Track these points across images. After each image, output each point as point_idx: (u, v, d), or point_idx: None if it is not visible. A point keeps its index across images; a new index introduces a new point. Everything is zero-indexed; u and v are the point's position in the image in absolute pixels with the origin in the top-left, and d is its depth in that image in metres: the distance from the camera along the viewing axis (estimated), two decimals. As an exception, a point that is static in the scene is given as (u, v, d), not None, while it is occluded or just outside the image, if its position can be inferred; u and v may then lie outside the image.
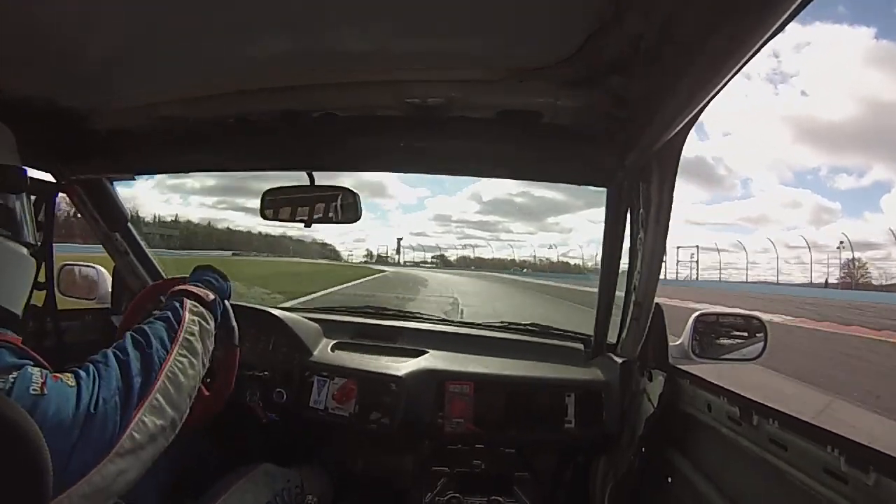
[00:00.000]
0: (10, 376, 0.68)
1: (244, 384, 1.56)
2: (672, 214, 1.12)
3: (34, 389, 0.68)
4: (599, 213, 1.44)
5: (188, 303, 1.00)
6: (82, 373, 0.75)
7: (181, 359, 0.88)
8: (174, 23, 0.88)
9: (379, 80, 1.08)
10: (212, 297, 1.08)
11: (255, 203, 1.47)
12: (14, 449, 0.60)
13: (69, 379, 0.73)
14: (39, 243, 0.93)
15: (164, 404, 0.80)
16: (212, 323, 1.03)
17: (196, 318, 0.98)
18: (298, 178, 1.43)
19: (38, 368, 0.72)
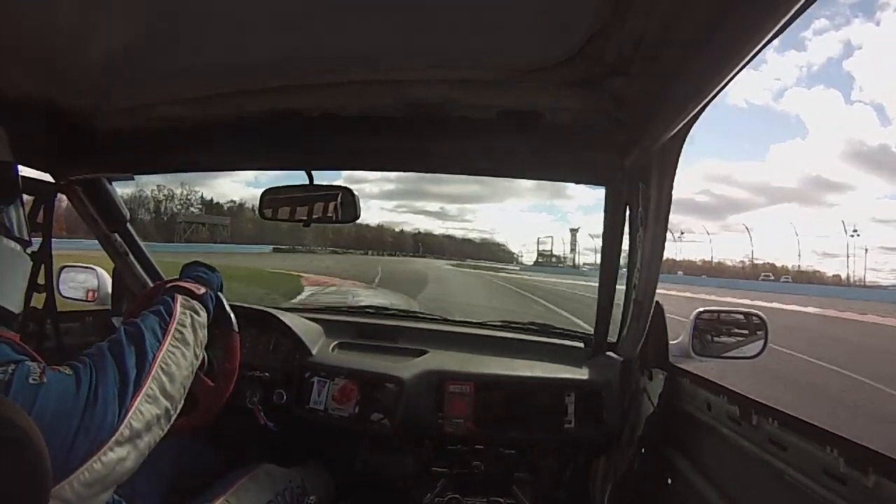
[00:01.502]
0: (10, 368, 0.70)
1: (244, 385, 1.56)
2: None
3: (33, 379, 0.70)
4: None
5: (179, 297, 1.03)
6: (79, 365, 0.78)
7: (173, 350, 0.91)
8: (174, 23, 0.88)
9: (379, 79, 1.08)
10: (202, 290, 1.10)
11: (434, 206, 1.54)
12: (12, 448, 0.60)
13: (66, 370, 0.75)
14: (32, 240, 0.93)
15: (158, 394, 0.83)
16: (203, 315, 1.05)
17: (187, 311, 1.01)
18: (298, 178, 1.47)
19: (36, 363, 0.74)
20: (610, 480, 1.49)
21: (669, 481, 1.26)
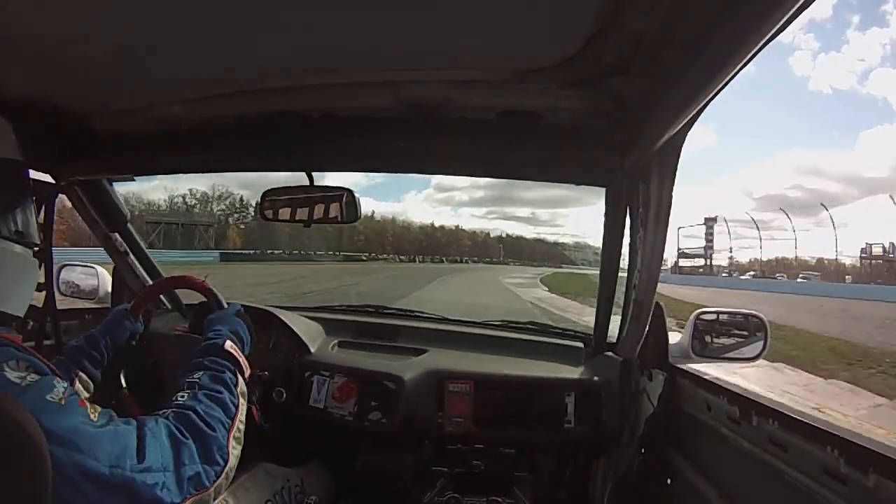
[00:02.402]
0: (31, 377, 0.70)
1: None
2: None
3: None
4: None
5: (240, 383, 0.97)
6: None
7: (235, 443, 0.89)
8: (173, 24, 0.88)
9: (379, 80, 1.08)
10: (246, 364, 1.03)
11: (524, 212, 1.54)
12: (13, 447, 0.61)
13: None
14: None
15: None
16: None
17: (244, 401, 0.96)
18: (298, 178, 1.46)
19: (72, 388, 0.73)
20: (610, 480, 1.49)
21: (669, 481, 1.26)
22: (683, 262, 48.52)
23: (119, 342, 1.26)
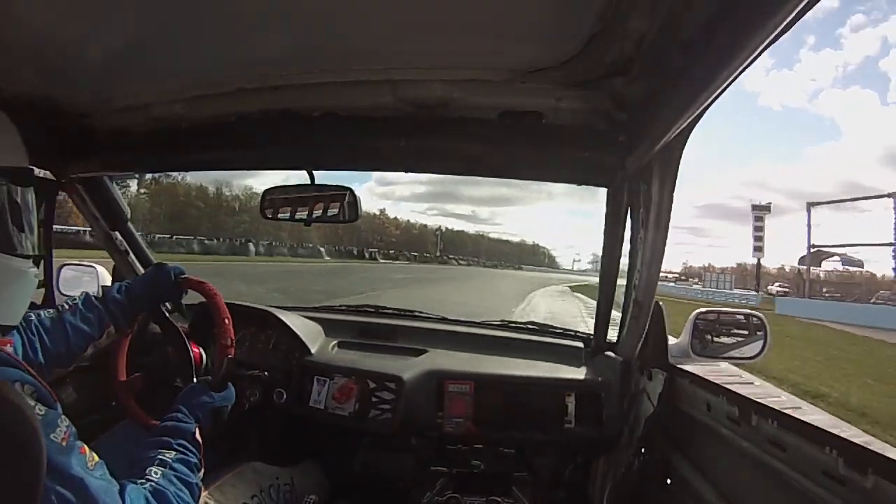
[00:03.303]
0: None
1: (244, 383, 1.56)
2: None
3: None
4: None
5: (202, 469, 0.99)
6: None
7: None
8: (174, 22, 0.88)
9: (380, 79, 1.08)
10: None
11: (464, 209, 1.53)
12: (10, 433, 0.61)
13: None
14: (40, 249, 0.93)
15: None
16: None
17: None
18: (298, 177, 1.44)
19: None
20: (609, 481, 1.49)
21: (669, 482, 1.26)
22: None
23: (155, 300, 1.29)
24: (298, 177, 1.46)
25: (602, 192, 1.40)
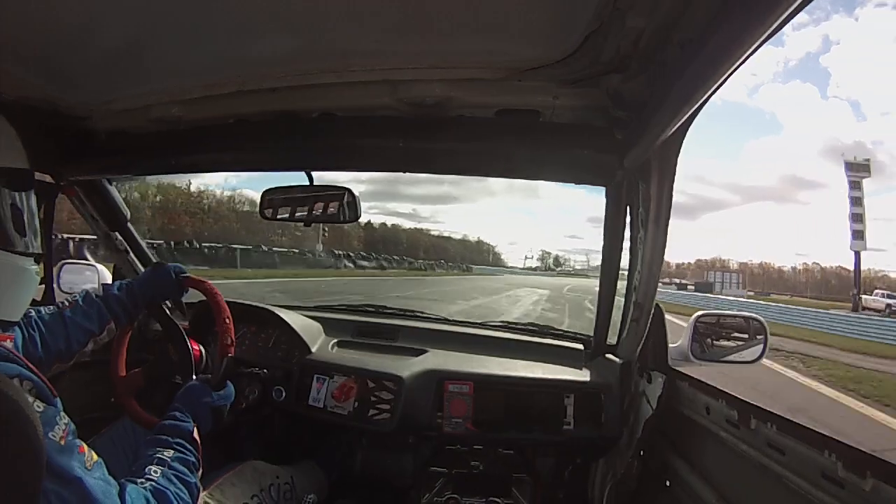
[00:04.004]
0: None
1: (243, 381, 1.57)
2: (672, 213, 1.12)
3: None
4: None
5: (200, 469, 0.99)
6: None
7: None
8: (173, 24, 0.88)
9: (378, 79, 1.08)
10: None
11: (405, 207, 1.35)
12: (8, 434, 0.61)
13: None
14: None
15: None
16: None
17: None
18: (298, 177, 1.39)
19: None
20: (608, 482, 1.48)
21: (668, 484, 1.26)
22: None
23: (156, 297, 1.31)
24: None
25: (544, 188, 1.39)
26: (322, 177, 1.46)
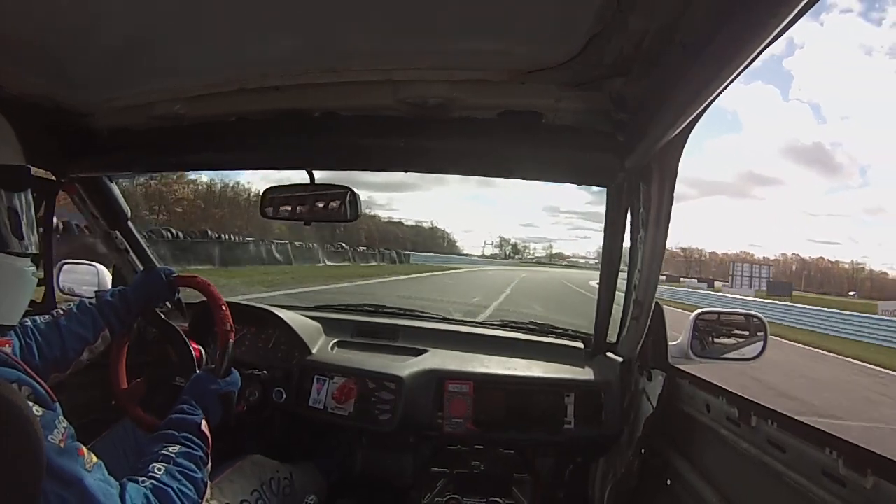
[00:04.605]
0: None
1: (243, 382, 1.56)
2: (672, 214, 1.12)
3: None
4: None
5: (209, 463, 0.98)
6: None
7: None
8: (175, 22, 0.88)
9: (380, 79, 1.08)
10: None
11: (362, 195, 1.43)
12: (8, 437, 0.61)
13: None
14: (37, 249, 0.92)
15: None
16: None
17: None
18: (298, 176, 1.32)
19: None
20: (609, 481, 1.49)
21: (668, 482, 1.26)
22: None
23: (150, 302, 1.30)
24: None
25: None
26: (323, 176, 1.45)
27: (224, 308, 1.22)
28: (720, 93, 0.72)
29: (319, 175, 1.45)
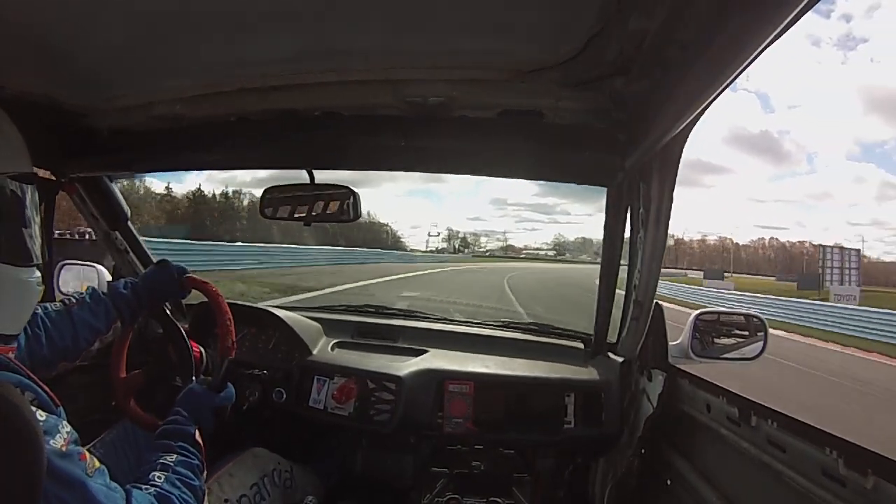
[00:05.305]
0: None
1: (244, 383, 1.56)
2: (672, 213, 1.12)
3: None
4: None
5: (205, 472, 0.99)
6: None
7: None
8: (174, 21, 0.88)
9: (380, 78, 1.08)
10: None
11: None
12: (9, 439, 0.61)
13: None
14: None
15: None
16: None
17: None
18: (298, 176, 1.39)
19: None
20: (609, 481, 1.49)
21: (669, 482, 1.26)
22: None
23: (158, 297, 1.30)
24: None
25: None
26: (323, 176, 1.45)
27: (229, 323, 1.22)
28: (720, 93, 0.72)
29: (319, 175, 1.45)
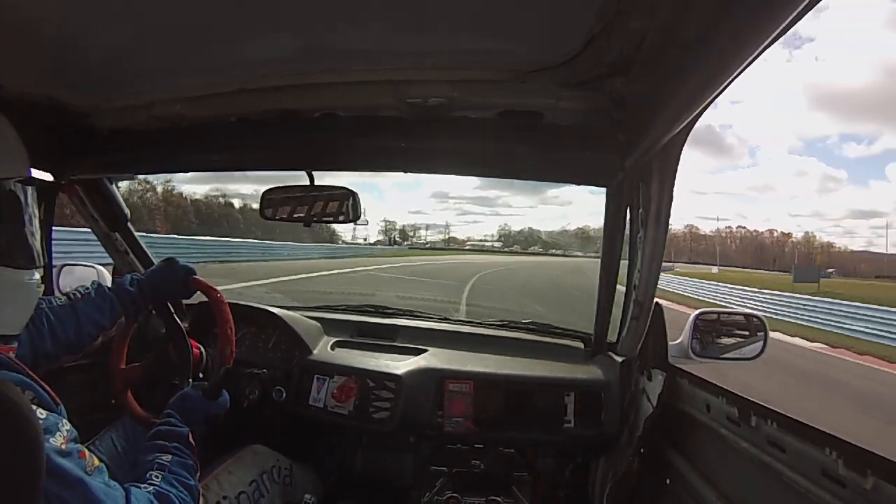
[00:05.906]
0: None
1: (243, 382, 1.57)
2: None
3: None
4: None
5: (199, 472, 1.00)
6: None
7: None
8: (174, 22, 0.88)
9: (380, 79, 1.08)
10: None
11: (248, 188, 1.25)
12: (9, 437, 0.61)
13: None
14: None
15: None
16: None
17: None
18: (298, 177, 1.41)
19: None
20: (609, 481, 1.49)
21: (668, 482, 1.26)
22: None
23: (163, 295, 1.30)
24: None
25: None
26: (322, 177, 1.43)
27: (230, 332, 1.22)
28: (720, 93, 0.72)
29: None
